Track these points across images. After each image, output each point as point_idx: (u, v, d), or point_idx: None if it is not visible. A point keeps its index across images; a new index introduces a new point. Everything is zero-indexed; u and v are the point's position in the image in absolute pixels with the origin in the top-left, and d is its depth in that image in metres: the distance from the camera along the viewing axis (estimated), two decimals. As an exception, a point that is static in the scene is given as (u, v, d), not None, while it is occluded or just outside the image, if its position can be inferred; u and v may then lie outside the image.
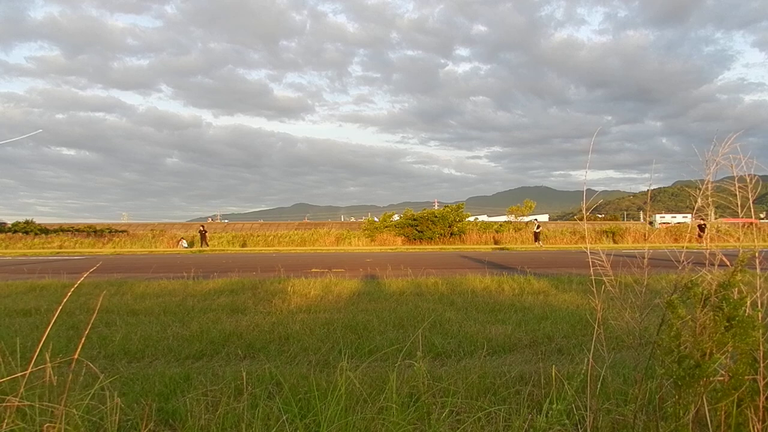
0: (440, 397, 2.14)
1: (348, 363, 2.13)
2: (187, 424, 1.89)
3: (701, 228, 20.00)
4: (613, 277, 1.68)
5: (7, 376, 1.69)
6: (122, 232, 37.06)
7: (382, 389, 2.07)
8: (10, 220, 35.93)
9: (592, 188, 1.79)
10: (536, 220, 30.56)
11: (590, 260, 1.78)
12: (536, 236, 27.23)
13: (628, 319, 1.65)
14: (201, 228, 32.16)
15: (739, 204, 1.49)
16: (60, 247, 28.74)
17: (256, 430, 1.76)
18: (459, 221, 31.59)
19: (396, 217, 33.24)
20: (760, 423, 1.38)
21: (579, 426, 1.74)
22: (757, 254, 1.44)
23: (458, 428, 1.81)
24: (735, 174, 1.49)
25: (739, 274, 1.39)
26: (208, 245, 29.71)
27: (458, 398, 2.13)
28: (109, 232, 36.63)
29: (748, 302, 1.37)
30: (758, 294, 1.40)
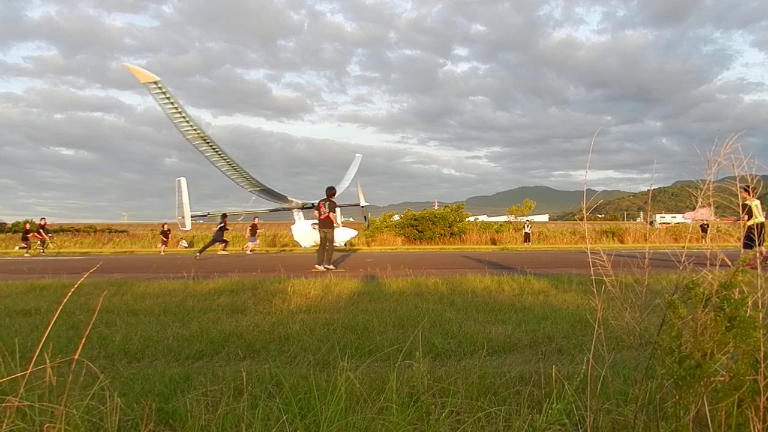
0: (440, 397, 2.13)
1: (348, 363, 2.13)
2: (187, 424, 1.88)
3: (704, 228, 20.07)
4: (613, 277, 1.68)
5: (7, 377, 1.69)
6: (122, 232, 37.07)
7: (382, 389, 2.06)
8: (9, 221, 36.00)
9: (592, 188, 1.79)
10: (528, 221, 30.91)
11: (590, 260, 1.78)
12: (527, 237, 28.18)
13: (628, 319, 1.65)
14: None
15: (740, 204, 1.49)
16: (60, 247, 28.74)
17: (256, 430, 1.76)
18: (459, 221, 31.64)
19: (396, 217, 33.28)
20: (761, 423, 1.38)
21: (579, 426, 1.74)
22: (758, 254, 1.44)
23: (458, 428, 1.80)
24: (737, 174, 1.49)
25: (740, 275, 1.39)
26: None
27: (458, 398, 2.12)
28: (109, 232, 36.64)
29: (750, 302, 1.37)
30: (759, 294, 1.40)
